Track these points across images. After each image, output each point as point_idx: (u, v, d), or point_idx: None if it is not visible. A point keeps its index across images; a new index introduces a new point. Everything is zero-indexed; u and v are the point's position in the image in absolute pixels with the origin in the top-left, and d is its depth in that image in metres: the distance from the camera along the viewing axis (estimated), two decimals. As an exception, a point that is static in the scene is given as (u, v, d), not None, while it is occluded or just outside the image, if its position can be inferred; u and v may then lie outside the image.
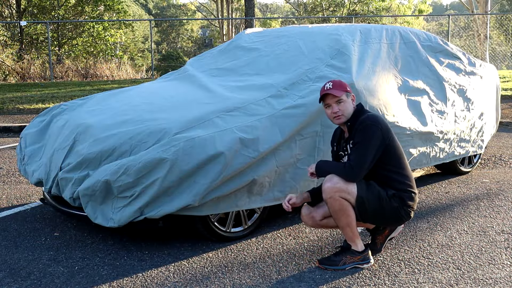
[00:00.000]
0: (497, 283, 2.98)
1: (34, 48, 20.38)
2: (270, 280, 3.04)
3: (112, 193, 3.25)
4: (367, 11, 28.11)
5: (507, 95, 11.16)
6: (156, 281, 3.05)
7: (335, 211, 3.07)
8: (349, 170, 3.03)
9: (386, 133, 3.09)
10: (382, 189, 3.10)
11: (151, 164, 3.19)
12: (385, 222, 3.26)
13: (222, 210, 3.45)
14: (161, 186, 3.18)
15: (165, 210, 3.21)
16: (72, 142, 3.66)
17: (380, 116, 3.20)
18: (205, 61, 5.03)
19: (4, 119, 9.26)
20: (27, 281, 3.06)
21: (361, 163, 3.02)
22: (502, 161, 6.08)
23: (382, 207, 3.09)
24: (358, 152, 3.04)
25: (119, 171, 3.21)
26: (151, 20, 19.76)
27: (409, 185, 3.17)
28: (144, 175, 3.19)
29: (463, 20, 25.92)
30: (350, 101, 3.19)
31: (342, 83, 3.20)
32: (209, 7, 48.18)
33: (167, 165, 3.17)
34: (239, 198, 3.46)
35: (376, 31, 4.76)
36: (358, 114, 3.16)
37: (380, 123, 3.08)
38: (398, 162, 3.15)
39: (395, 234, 3.41)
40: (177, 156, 3.20)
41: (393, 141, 3.13)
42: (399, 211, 3.13)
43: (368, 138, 3.02)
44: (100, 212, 3.29)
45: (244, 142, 3.39)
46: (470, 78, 5.29)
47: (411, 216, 3.21)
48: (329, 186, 3.03)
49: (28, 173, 4.00)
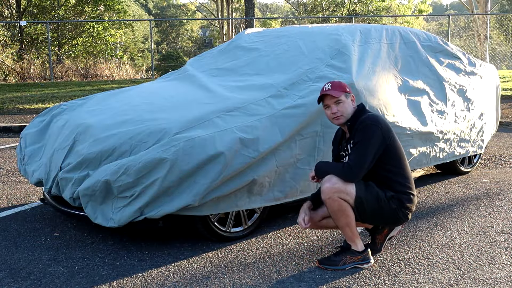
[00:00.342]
0: (497, 283, 2.98)
1: (34, 48, 20.38)
2: (270, 280, 3.04)
3: (112, 193, 3.25)
4: (367, 11, 28.11)
5: (507, 95, 11.16)
6: (156, 281, 3.05)
7: (334, 211, 3.07)
8: (348, 170, 3.02)
9: (387, 133, 3.08)
10: (380, 190, 3.10)
11: (151, 164, 3.19)
12: (383, 222, 3.26)
13: (222, 210, 3.45)
14: (161, 186, 3.18)
15: (165, 210, 3.21)
16: (72, 142, 3.66)
17: (380, 116, 3.20)
18: (205, 61, 5.03)
19: (4, 119, 9.26)
20: (27, 281, 3.06)
21: (360, 163, 3.02)
22: (502, 161, 6.08)
23: (381, 207, 3.09)
24: (357, 152, 3.04)
25: (119, 171, 3.21)
26: (151, 20, 19.76)
27: (408, 187, 3.16)
28: (144, 175, 3.19)
29: (463, 20, 25.92)
30: (349, 101, 3.19)
31: (342, 84, 3.20)
32: (209, 7, 48.19)
33: (167, 165, 3.18)
34: (239, 198, 3.46)
35: (376, 31, 4.76)
36: (358, 114, 3.16)
37: (381, 122, 3.08)
38: (399, 163, 3.15)
39: (394, 233, 3.41)
40: (177, 156, 3.20)
41: (394, 141, 3.13)
42: (397, 213, 3.13)
43: (368, 138, 3.02)
44: (100, 212, 3.29)
45: (244, 142, 3.39)
46: (470, 78, 5.29)
47: (408, 218, 3.21)
48: (327, 187, 3.03)
49: (28, 173, 4.00)
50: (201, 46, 50.11)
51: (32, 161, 4.02)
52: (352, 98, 3.22)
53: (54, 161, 3.71)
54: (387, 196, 3.09)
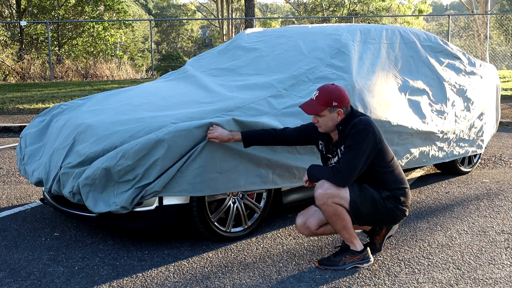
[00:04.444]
0: (497, 283, 2.98)
1: (34, 48, 20.38)
2: (270, 280, 3.04)
3: (112, 179, 3.26)
4: (367, 11, 28.09)
5: (507, 95, 11.16)
6: (156, 281, 3.05)
7: (329, 216, 3.06)
8: (338, 175, 3.00)
9: (378, 137, 3.05)
10: (375, 191, 3.08)
11: (149, 145, 3.23)
12: (381, 223, 3.25)
13: (221, 191, 3.44)
14: (162, 167, 3.21)
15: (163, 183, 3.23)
16: (72, 142, 3.65)
17: (371, 119, 3.14)
18: (205, 61, 5.03)
19: (4, 119, 9.26)
20: (27, 281, 3.06)
21: (351, 167, 2.98)
22: (502, 161, 6.08)
23: (377, 210, 3.08)
24: (349, 156, 2.99)
25: (117, 156, 3.25)
26: (151, 20, 19.76)
27: (401, 182, 3.16)
28: (143, 157, 3.22)
29: (463, 20, 25.93)
30: (333, 116, 3.06)
31: (331, 96, 3.05)
32: (209, 7, 48.18)
33: (165, 145, 3.21)
34: (237, 179, 3.46)
35: (376, 31, 4.76)
36: (349, 118, 3.08)
37: (373, 126, 3.04)
38: (390, 162, 3.13)
39: (393, 232, 3.41)
40: (173, 136, 3.23)
41: (384, 143, 3.10)
42: (394, 212, 3.13)
43: (360, 142, 2.97)
44: (101, 200, 3.30)
45: None
46: (470, 78, 5.29)
47: (406, 215, 3.20)
48: (320, 193, 3.01)
49: (28, 173, 4.00)
50: (201, 46, 50.11)
51: (32, 161, 4.02)
52: (338, 112, 3.06)
53: (54, 160, 3.71)
54: (382, 197, 3.08)
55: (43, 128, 4.23)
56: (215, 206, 3.59)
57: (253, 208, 3.73)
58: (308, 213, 3.27)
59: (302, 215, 3.28)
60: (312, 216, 3.23)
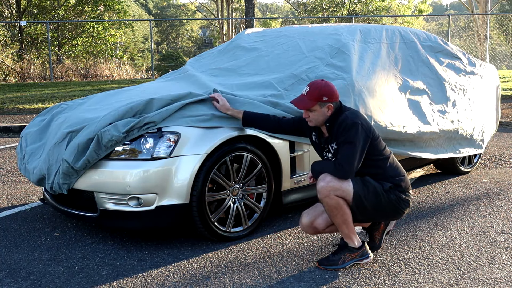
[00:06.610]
0: (497, 283, 2.98)
1: (34, 48, 20.37)
2: (270, 280, 3.04)
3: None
4: (367, 11, 28.08)
5: (507, 95, 11.16)
6: (156, 281, 3.05)
7: (330, 209, 3.06)
8: (340, 168, 3.02)
9: (368, 127, 3.08)
10: (377, 183, 3.11)
11: (141, 104, 3.51)
12: (384, 217, 3.26)
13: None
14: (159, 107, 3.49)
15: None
16: (70, 136, 3.65)
17: (358, 111, 3.19)
18: (205, 61, 5.03)
19: (4, 119, 9.26)
20: (27, 281, 3.06)
21: (350, 160, 3.01)
22: (502, 161, 6.08)
23: (380, 202, 3.10)
24: (345, 150, 3.02)
25: (115, 114, 3.51)
26: (151, 20, 19.76)
27: (397, 169, 3.20)
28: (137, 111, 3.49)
29: (463, 20, 25.94)
30: (323, 110, 3.10)
31: (321, 91, 3.09)
32: (209, 7, 48.18)
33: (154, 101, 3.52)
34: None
35: (376, 31, 4.76)
36: (337, 114, 3.12)
37: (360, 118, 3.08)
38: (383, 149, 3.17)
39: (391, 227, 3.42)
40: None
41: (375, 132, 3.14)
42: (397, 203, 3.14)
43: (352, 136, 3.00)
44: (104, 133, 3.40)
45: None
46: (470, 78, 5.29)
47: (410, 204, 3.21)
48: (322, 186, 3.03)
49: (28, 171, 3.98)
50: (201, 46, 50.11)
51: (32, 159, 4.01)
52: (329, 107, 3.11)
53: (54, 154, 3.70)
54: (384, 189, 3.10)
55: (43, 127, 4.22)
56: (215, 206, 3.59)
57: (253, 208, 3.73)
58: (315, 213, 3.26)
59: (308, 215, 3.27)
60: (321, 216, 3.23)
